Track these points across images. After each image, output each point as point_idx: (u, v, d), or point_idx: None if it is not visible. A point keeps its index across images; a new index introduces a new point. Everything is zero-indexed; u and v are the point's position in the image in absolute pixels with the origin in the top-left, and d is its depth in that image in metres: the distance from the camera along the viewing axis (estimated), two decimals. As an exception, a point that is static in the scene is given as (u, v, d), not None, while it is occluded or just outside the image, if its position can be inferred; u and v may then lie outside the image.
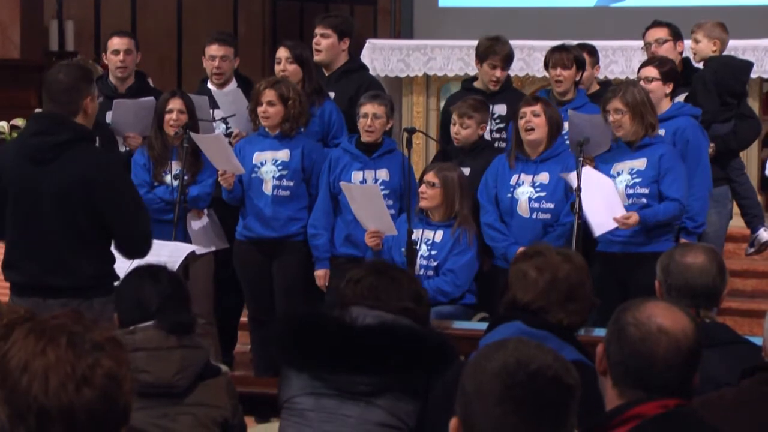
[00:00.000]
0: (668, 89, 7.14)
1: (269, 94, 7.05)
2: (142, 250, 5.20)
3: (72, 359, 2.14)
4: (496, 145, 7.50)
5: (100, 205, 5.07)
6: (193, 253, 6.74)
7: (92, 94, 5.20)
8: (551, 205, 6.82)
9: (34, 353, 2.14)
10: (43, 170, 5.08)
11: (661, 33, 7.69)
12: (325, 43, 7.67)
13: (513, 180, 6.88)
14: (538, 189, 6.84)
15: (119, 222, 5.12)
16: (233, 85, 7.66)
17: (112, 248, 5.24)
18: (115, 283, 4.56)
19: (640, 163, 6.68)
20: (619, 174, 6.72)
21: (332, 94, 7.60)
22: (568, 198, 6.74)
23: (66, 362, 2.13)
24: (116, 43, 7.74)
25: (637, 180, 6.68)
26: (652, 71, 7.17)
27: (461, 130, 7.17)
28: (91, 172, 5.08)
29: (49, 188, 5.07)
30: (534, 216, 6.83)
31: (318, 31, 7.71)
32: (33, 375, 2.12)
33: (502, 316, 3.68)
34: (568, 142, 7.01)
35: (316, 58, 7.64)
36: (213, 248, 7.30)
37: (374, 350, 3.80)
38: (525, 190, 6.85)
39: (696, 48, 7.68)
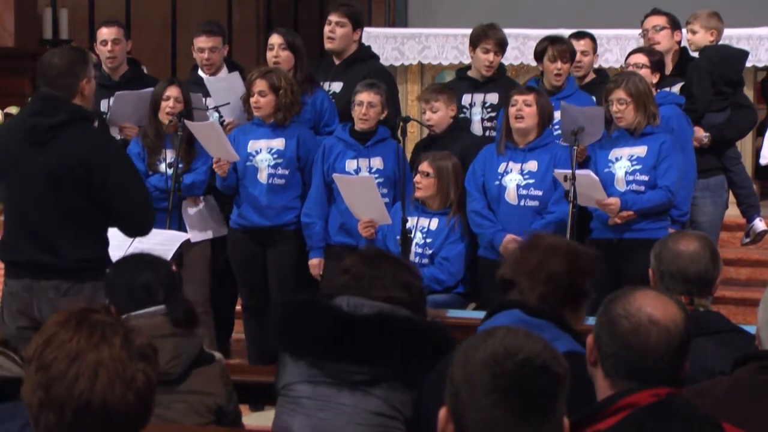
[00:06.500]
0: (655, 79, 7.16)
1: (260, 84, 7.03)
2: (145, 226, 5.21)
3: (124, 360, 2.13)
4: (486, 134, 7.49)
5: (97, 185, 5.06)
6: (187, 241, 6.73)
7: (89, 76, 5.21)
8: (539, 193, 6.82)
9: (87, 346, 2.12)
10: (40, 151, 5.10)
11: (659, 20, 7.70)
12: (340, 32, 7.58)
13: (501, 168, 6.87)
14: (526, 176, 6.83)
15: (118, 199, 5.10)
16: (224, 72, 7.62)
17: (112, 229, 5.24)
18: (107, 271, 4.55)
19: (641, 150, 6.71)
20: (618, 159, 6.75)
21: (340, 84, 7.57)
22: (557, 187, 6.75)
23: (118, 362, 2.12)
24: (104, 33, 7.72)
25: (638, 167, 6.70)
26: (641, 58, 7.20)
27: (432, 115, 7.19)
28: (86, 152, 5.08)
29: (45, 169, 5.09)
30: (522, 203, 6.83)
31: (333, 18, 7.59)
32: (82, 368, 2.10)
33: (500, 305, 3.67)
34: (558, 132, 7.03)
35: (329, 46, 7.57)
36: (210, 235, 7.28)
37: (373, 340, 3.79)
38: (513, 178, 6.85)
39: (693, 39, 7.68)
